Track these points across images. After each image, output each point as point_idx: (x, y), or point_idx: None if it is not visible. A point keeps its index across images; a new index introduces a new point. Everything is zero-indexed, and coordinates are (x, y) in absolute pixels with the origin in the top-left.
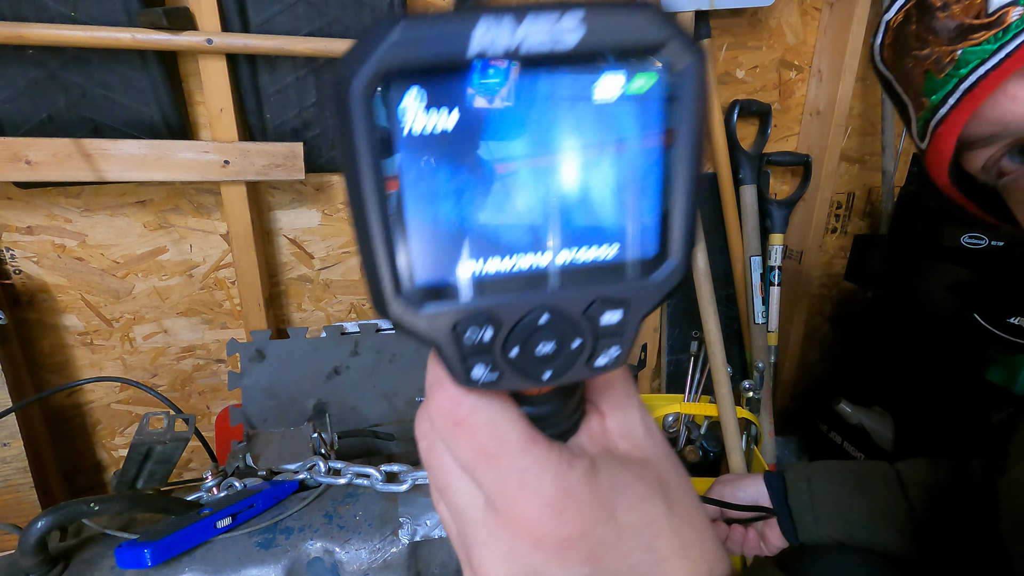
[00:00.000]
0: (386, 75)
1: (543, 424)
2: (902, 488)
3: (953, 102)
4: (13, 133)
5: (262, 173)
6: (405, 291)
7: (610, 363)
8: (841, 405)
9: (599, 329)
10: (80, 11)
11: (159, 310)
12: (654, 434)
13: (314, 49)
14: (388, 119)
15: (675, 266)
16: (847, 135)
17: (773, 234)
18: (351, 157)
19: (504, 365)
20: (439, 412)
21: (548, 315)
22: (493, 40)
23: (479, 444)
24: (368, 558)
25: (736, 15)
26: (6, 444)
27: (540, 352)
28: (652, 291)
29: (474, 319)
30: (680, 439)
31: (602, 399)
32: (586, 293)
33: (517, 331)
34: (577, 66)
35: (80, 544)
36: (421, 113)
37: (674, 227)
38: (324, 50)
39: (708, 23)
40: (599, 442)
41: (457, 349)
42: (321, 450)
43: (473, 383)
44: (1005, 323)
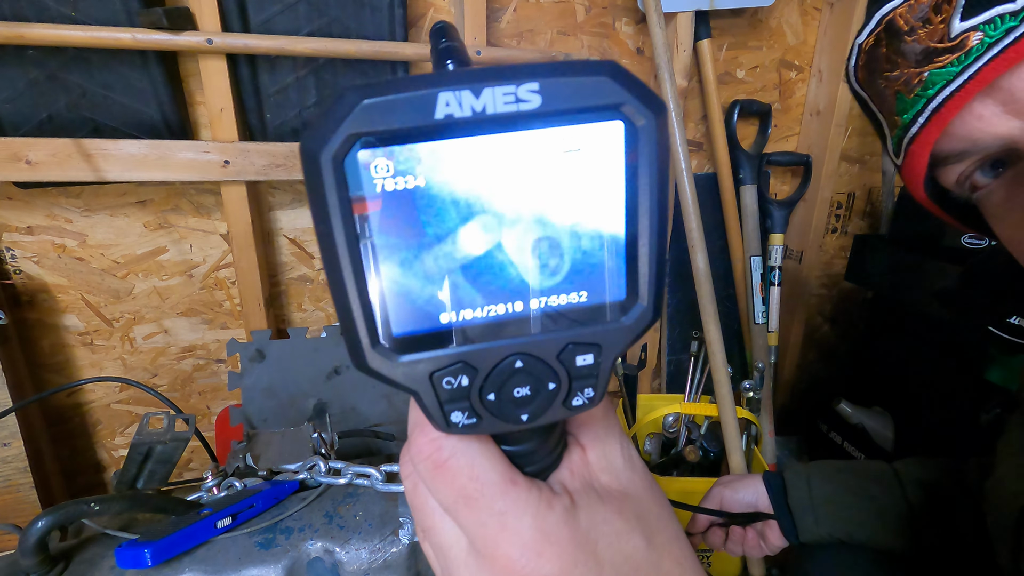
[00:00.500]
0: (354, 142)
1: (524, 461)
2: (900, 487)
3: (923, 121)
4: (13, 133)
5: (262, 173)
6: (382, 343)
7: (586, 403)
8: (841, 405)
9: (573, 371)
10: (80, 11)
11: (159, 310)
12: (635, 466)
13: (314, 49)
14: (358, 182)
15: (644, 309)
16: (847, 135)
17: (773, 234)
18: (324, 220)
19: (482, 409)
20: (420, 456)
21: (522, 360)
22: (459, 106)
23: (459, 487)
24: (368, 558)
25: (736, 15)
26: (6, 444)
27: (517, 395)
28: (623, 334)
29: (450, 367)
30: (680, 439)
31: (582, 433)
32: (559, 338)
33: (493, 377)
34: (541, 123)
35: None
36: (390, 174)
37: (641, 272)
38: (324, 50)
39: (708, 23)
40: (580, 476)
41: (435, 396)
42: (321, 450)
43: (452, 428)
44: (1005, 323)
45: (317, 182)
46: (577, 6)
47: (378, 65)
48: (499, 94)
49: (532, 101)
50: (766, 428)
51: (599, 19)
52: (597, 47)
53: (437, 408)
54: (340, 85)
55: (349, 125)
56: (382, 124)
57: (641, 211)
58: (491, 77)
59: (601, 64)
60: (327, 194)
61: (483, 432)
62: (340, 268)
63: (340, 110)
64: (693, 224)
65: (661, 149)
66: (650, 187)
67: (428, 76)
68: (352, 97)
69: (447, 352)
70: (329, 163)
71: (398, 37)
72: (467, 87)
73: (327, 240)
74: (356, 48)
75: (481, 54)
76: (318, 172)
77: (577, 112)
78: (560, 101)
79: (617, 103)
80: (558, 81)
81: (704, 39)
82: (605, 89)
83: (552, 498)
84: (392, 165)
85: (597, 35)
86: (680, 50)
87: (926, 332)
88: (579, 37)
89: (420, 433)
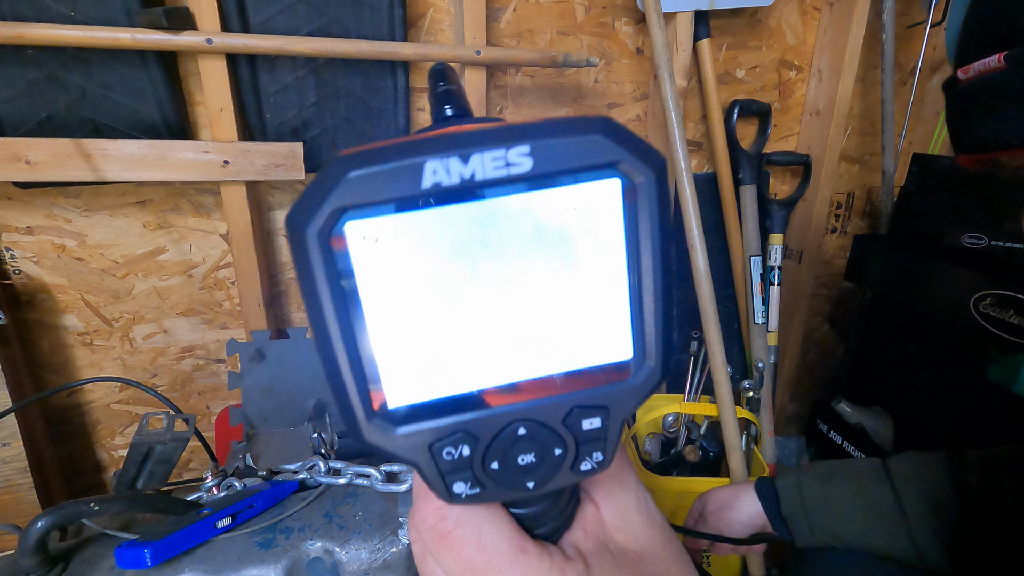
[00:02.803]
0: (340, 215)
1: (535, 523)
2: (890, 481)
3: None
4: (13, 133)
5: (262, 173)
6: (377, 416)
7: (595, 467)
8: (841, 405)
9: (580, 436)
10: (80, 11)
11: (159, 310)
12: (654, 520)
13: (314, 49)
14: (345, 254)
15: (652, 369)
16: (847, 135)
17: (773, 234)
18: (312, 293)
19: (485, 479)
20: (424, 525)
21: (526, 427)
22: (447, 174)
23: (466, 559)
24: (368, 558)
25: (736, 15)
26: (6, 444)
27: (521, 463)
28: (630, 395)
29: (450, 437)
30: (680, 439)
31: (595, 489)
32: (563, 402)
33: (495, 445)
34: (534, 186)
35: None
36: (378, 244)
37: (648, 331)
38: (324, 50)
39: (708, 23)
40: (594, 536)
41: (436, 468)
42: (321, 450)
43: (456, 499)
44: (1005, 322)
45: (304, 257)
46: (577, 6)
47: (378, 65)
48: (488, 159)
49: (523, 164)
50: (766, 428)
51: (599, 19)
52: (597, 47)
53: (439, 479)
54: (340, 85)
55: (335, 199)
56: (369, 196)
57: (644, 268)
58: (479, 141)
59: (594, 121)
60: (314, 269)
61: (488, 501)
62: (331, 342)
63: (326, 183)
64: (693, 224)
65: (662, 204)
66: (652, 243)
67: (415, 143)
68: (338, 169)
69: (446, 422)
70: (315, 238)
71: (397, 37)
72: (455, 154)
73: (316, 313)
74: (355, 48)
75: (481, 54)
76: (304, 247)
77: (571, 172)
78: (553, 163)
79: (613, 161)
80: (549, 142)
81: (704, 39)
82: (599, 147)
83: (565, 565)
84: (381, 235)
85: (597, 35)
86: (680, 50)
87: (926, 332)
88: (579, 37)
89: (424, 501)
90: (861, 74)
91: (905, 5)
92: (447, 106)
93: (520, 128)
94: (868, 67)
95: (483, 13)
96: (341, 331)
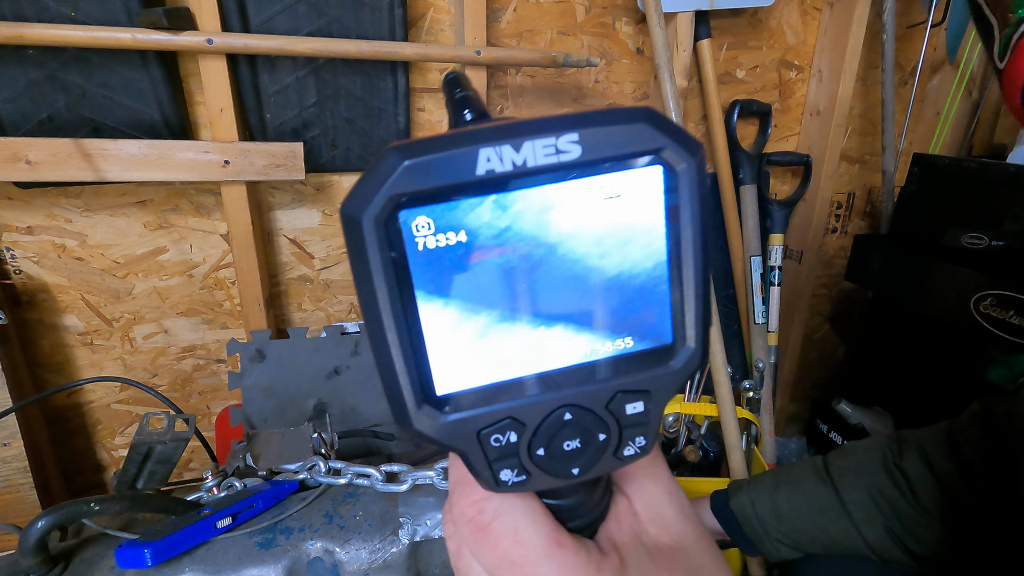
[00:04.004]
0: (397, 203)
1: (571, 515)
2: (830, 481)
3: None
4: (13, 133)
5: (262, 173)
6: (427, 403)
7: (637, 452)
8: (841, 405)
9: (623, 420)
10: (80, 11)
11: (159, 310)
12: (687, 514)
13: (314, 49)
14: (401, 242)
15: (692, 352)
16: (847, 135)
17: (773, 234)
18: (366, 281)
19: (531, 466)
20: (463, 518)
21: (571, 413)
22: (499, 161)
23: (503, 552)
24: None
25: (736, 15)
26: (6, 444)
27: (567, 449)
28: (671, 378)
29: (498, 424)
30: (680, 439)
31: (627, 482)
32: (607, 387)
33: (542, 431)
34: (582, 172)
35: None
36: (432, 232)
37: (687, 315)
38: (324, 50)
39: (708, 23)
40: (628, 529)
41: (483, 455)
42: (321, 450)
43: (502, 487)
44: (1005, 322)
45: (359, 245)
46: (577, 6)
47: (378, 65)
48: (539, 147)
49: (572, 151)
50: (766, 428)
51: (599, 19)
52: (597, 47)
53: (486, 467)
54: (340, 85)
55: (391, 187)
56: (424, 183)
57: (684, 253)
58: (531, 130)
59: (639, 111)
60: (370, 256)
61: (533, 489)
62: (384, 329)
63: (382, 172)
64: None
65: (701, 190)
66: (692, 228)
67: (468, 132)
68: (393, 158)
69: (494, 408)
70: (371, 225)
71: (398, 37)
72: (507, 142)
73: (370, 301)
74: (356, 48)
75: (481, 54)
76: (360, 235)
77: (617, 159)
78: (600, 149)
79: (656, 148)
80: (597, 130)
81: (704, 39)
82: (644, 135)
83: (601, 560)
84: (434, 223)
85: (597, 35)
86: (680, 50)
87: (926, 332)
88: (579, 37)
89: (461, 494)
90: (861, 74)
91: (905, 5)
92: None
93: (569, 117)
94: (868, 67)
95: (483, 13)
96: (394, 319)
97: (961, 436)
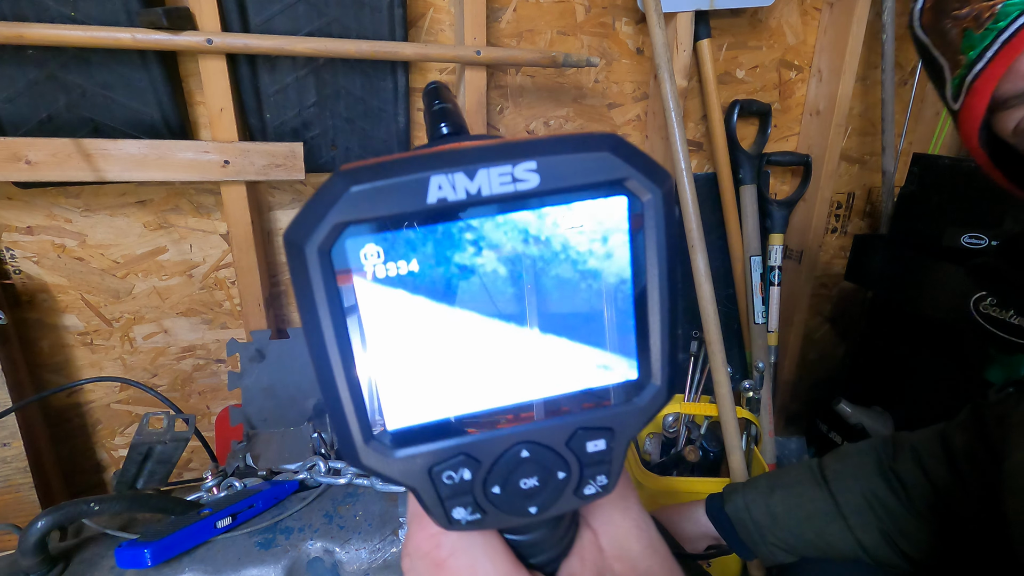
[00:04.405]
0: (342, 230)
1: (532, 551)
2: (826, 484)
3: (991, 55)
4: (13, 133)
5: (262, 173)
6: (376, 439)
7: (599, 491)
8: (841, 405)
9: (584, 458)
10: (80, 11)
11: (159, 310)
12: (656, 549)
13: (314, 49)
14: (346, 270)
15: (657, 390)
16: (847, 135)
17: (773, 234)
18: (310, 310)
19: (486, 504)
20: (418, 552)
21: (528, 450)
22: (452, 189)
23: None
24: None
25: (736, 15)
26: (6, 444)
27: (524, 487)
28: (636, 416)
29: (451, 460)
30: (680, 439)
31: (594, 515)
32: (567, 424)
33: (497, 469)
34: (540, 202)
35: (80, 544)
36: (380, 260)
37: (653, 351)
38: (324, 50)
39: (708, 23)
40: (592, 566)
41: (435, 492)
42: (321, 450)
43: (455, 525)
44: (1005, 322)
45: (302, 272)
46: (577, 6)
47: (378, 65)
48: (494, 175)
49: (530, 180)
50: (766, 428)
51: (599, 19)
52: (597, 47)
53: (438, 505)
54: (340, 85)
55: (337, 213)
56: (372, 211)
57: (650, 286)
58: (486, 157)
59: (602, 138)
60: (313, 285)
61: (487, 527)
62: (328, 360)
63: (327, 198)
64: (693, 224)
65: (668, 222)
66: (658, 261)
67: (419, 157)
68: (339, 184)
69: (447, 444)
70: (315, 254)
71: (398, 37)
72: (460, 169)
73: (314, 331)
74: (356, 48)
75: (481, 54)
76: (303, 263)
77: (578, 190)
78: (560, 179)
79: (620, 178)
80: (557, 158)
81: (704, 39)
82: (607, 164)
83: None
84: (384, 251)
85: (597, 35)
86: (680, 50)
87: (926, 332)
88: (579, 37)
89: (418, 527)
90: (861, 74)
91: (905, 5)
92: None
93: (527, 144)
94: (868, 67)
95: (483, 13)
96: (339, 349)
97: (953, 439)
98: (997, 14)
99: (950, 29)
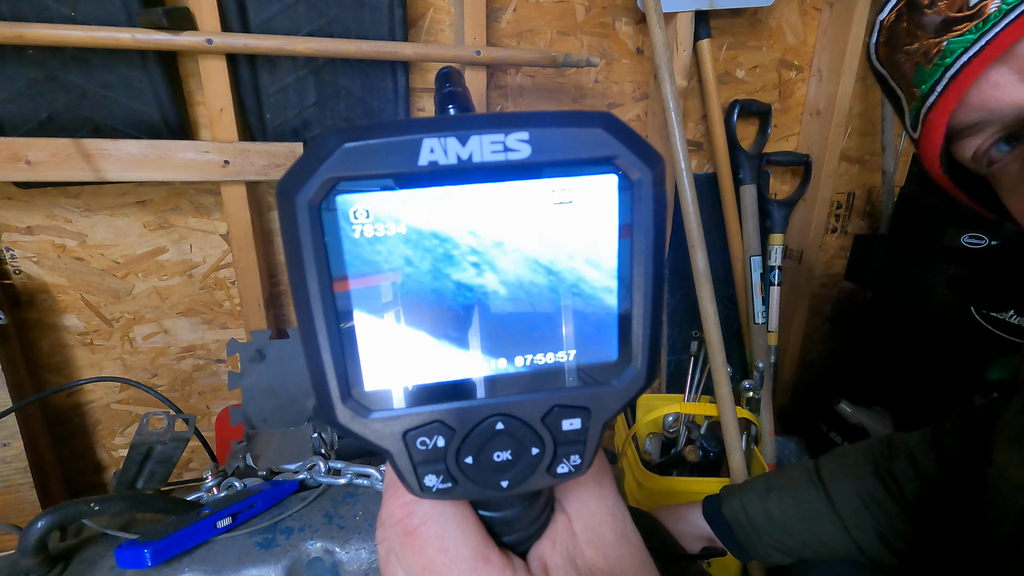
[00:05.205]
0: (333, 186)
1: (504, 529)
2: (822, 485)
3: (940, 89)
4: (13, 133)
5: (262, 173)
6: (353, 398)
7: (572, 471)
8: (841, 405)
9: (559, 436)
10: (80, 11)
11: (159, 310)
12: (629, 539)
13: (314, 49)
14: (335, 227)
15: (636, 373)
16: (847, 135)
17: (773, 234)
18: (297, 265)
19: (459, 474)
20: (390, 520)
21: (504, 422)
22: (444, 153)
23: (427, 559)
24: (368, 558)
25: (736, 15)
26: (6, 444)
27: (497, 460)
28: (613, 398)
29: (426, 427)
30: (680, 439)
31: (570, 499)
32: (544, 400)
33: (471, 439)
34: (530, 174)
35: (80, 544)
36: (369, 220)
37: (635, 333)
38: (324, 50)
39: (708, 23)
40: (563, 550)
41: (408, 458)
42: (321, 450)
43: (426, 492)
44: (1004, 322)
45: (292, 226)
46: (577, 6)
47: (378, 65)
48: (486, 142)
49: (521, 151)
50: (766, 428)
51: (599, 19)
52: (597, 47)
53: (410, 470)
54: (340, 85)
55: (328, 168)
56: (363, 169)
57: (636, 268)
58: (479, 124)
59: (597, 115)
60: (301, 239)
61: (458, 498)
62: (312, 316)
63: (320, 153)
64: (693, 224)
65: (657, 203)
66: (646, 243)
67: (414, 121)
68: (333, 140)
69: (423, 410)
70: (305, 207)
71: (398, 37)
72: (453, 134)
73: (300, 286)
74: (356, 48)
75: (481, 54)
76: (293, 216)
77: (569, 164)
78: (551, 152)
79: (611, 156)
80: (549, 131)
81: (704, 39)
82: (599, 141)
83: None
84: (372, 211)
85: (597, 35)
86: (680, 50)
87: (926, 332)
88: (579, 37)
89: (392, 495)
90: (861, 74)
91: None
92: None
93: (521, 116)
94: (868, 67)
95: (483, 13)
96: (324, 307)
97: (946, 439)
98: (943, 51)
99: (903, 63)
